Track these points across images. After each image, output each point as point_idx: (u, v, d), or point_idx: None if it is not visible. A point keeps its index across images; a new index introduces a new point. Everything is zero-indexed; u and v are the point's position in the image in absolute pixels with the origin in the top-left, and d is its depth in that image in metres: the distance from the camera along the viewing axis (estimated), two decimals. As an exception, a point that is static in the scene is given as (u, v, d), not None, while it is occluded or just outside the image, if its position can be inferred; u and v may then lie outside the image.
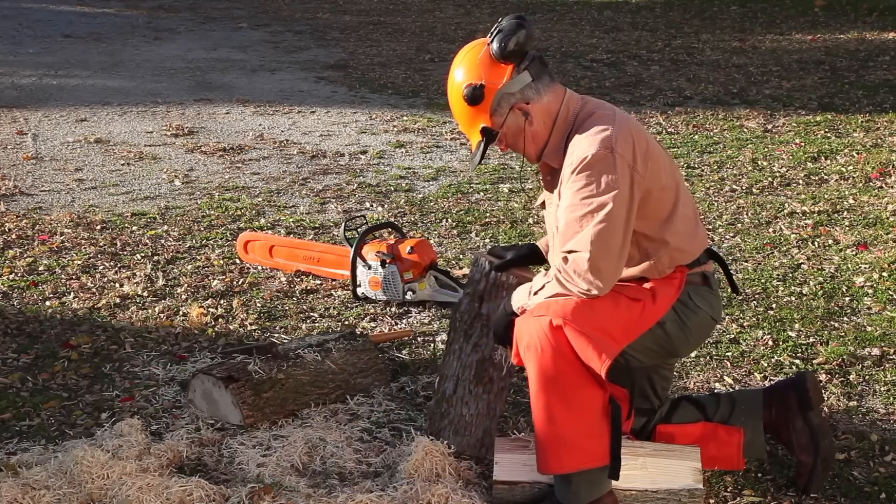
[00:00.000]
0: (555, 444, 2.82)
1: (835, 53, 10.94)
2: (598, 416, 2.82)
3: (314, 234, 5.47)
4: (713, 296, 2.99)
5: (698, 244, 2.96)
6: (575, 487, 2.85)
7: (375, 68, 10.29)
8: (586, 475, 2.83)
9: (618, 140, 2.76)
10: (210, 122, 7.95)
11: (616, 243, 2.74)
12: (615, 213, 2.72)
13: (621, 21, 13.46)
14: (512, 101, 2.87)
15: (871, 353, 4.00)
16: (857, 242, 5.25)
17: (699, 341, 3.08)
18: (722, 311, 3.11)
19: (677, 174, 2.95)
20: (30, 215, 5.70)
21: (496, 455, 3.07)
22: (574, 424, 2.80)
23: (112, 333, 4.19)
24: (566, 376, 2.76)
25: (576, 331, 2.73)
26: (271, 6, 15.03)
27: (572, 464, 2.82)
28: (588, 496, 2.85)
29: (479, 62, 2.88)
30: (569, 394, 2.78)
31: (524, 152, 2.95)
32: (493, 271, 3.14)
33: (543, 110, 2.88)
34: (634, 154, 2.77)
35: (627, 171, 2.75)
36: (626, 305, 2.83)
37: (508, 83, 2.85)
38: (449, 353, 3.25)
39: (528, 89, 2.86)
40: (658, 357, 2.99)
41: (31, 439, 3.35)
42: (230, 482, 3.06)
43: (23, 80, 9.37)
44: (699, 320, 2.94)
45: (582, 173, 2.75)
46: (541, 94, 2.87)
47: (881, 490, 3.10)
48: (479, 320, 3.14)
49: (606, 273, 2.73)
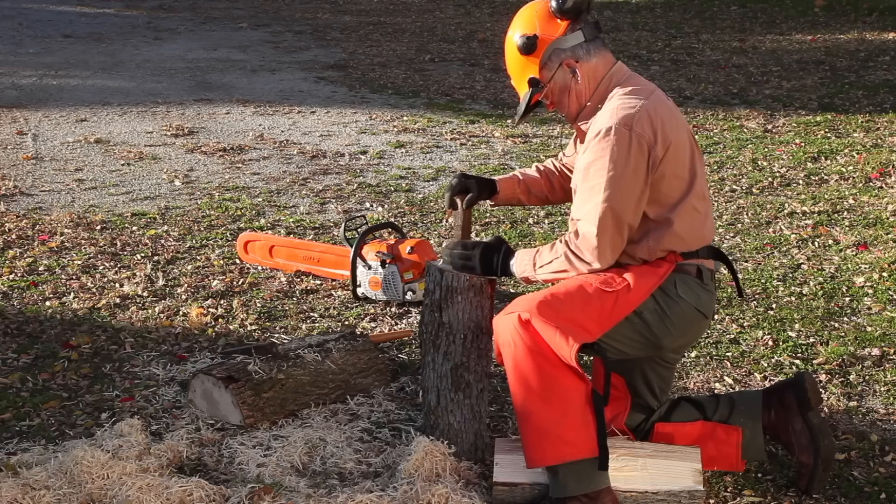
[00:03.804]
0: (537, 438, 2.83)
1: (835, 53, 10.94)
2: (578, 408, 2.81)
3: (314, 234, 5.47)
4: (703, 290, 2.99)
5: (699, 239, 2.98)
6: (563, 479, 2.84)
7: (375, 68, 10.29)
8: (573, 467, 2.82)
9: (640, 119, 2.82)
10: (210, 123, 7.95)
11: (624, 219, 2.83)
12: (626, 190, 2.81)
13: (621, 21, 13.46)
14: (563, 56, 2.95)
15: (871, 354, 4.00)
16: (857, 242, 5.25)
17: (686, 334, 3.04)
18: (713, 309, 3.08)
19: (698, 169, 2.98)
20: (30, 215, 5.70)
21: (496, 456, 3.07)
22: (554, 417, 2.80)
23: (112, 333, 4.19)
24: (540, 369, 2.80)
25: (544, 322, 2.78)
26: (271, 6, 15.03)
27: (555, 455, 2.82)
28: (578, 488, 2.84)
29: (536, 14, 2.98)
30: (546, 386, 2.80)
31: (566, 110, 3.04)
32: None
33: (591, 71, 2.96)
34: (655, 135, 2.83)
35: (645, 149, 2.82)
36: (599, 296, 2.86)
37: (562, 38, 2.94)
38: (424, 365, 3.26)
39: (580, 48, 2.95)
40: (643, 348, 2.99)
41: (31, 439, 3.35)
42: (230, 482, 3.06)
43: (23, 80, 9.37)
44: (681, 311, 2.94)
45: (599, 144, 2.82)
46: (590, 55, 2.96)
47: (881, 490, 3.10)
48: (442, 329, 3.15)
49: (612, 248, 2.84)
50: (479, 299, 3.12)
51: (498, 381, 3.74)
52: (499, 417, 3.51)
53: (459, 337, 3.13)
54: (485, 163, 6.82)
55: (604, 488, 2.87)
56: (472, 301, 3.11)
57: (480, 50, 11.30)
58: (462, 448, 3.19)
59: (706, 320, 3.05)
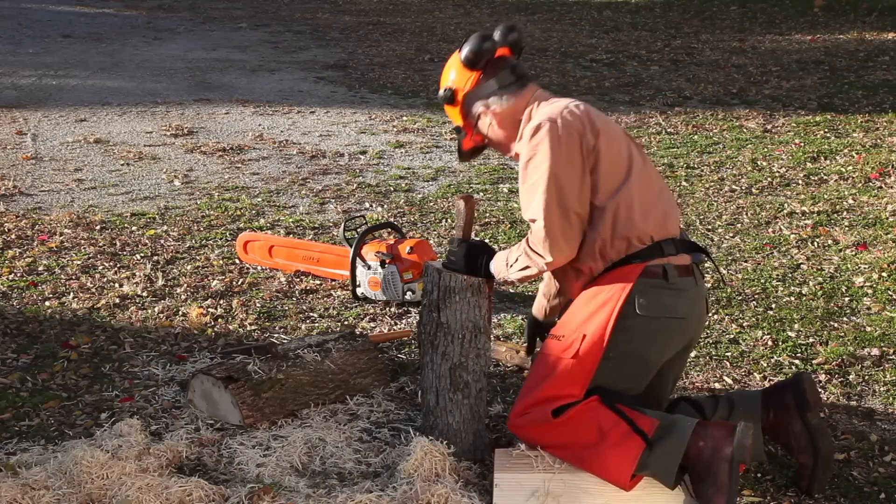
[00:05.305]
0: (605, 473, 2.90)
1: (834, 53, 10.94)
2: (602, 427, 2.89)
3: (314, 234, 5.47)
4: (669, 293, 2.98)
5: (658, 227, 3.00)
6: (652, 473, 2.87)
7: (375, 68, 10.29)
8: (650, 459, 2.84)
9: (565, 114, 2.97)
10: (210, 122, 7.95)
11: (570, 208, 2.92)
12: (566, 179, 2.91)
13: (621, 21, 13.46)
14: (479, 105, 3.14)
15: (871, 353, 4.00)
16: (856, 242, 5.25)
17: (669, 341, 3.04)
18: (689, 305, 3.04)
19: (636, 155, 3.07)
20: (29, 215, 5.70)
21: (496, 474, 3.01)
22: (596, 449, 2.89)
23: (112, 333, 4.19)
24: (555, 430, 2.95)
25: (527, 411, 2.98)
26: (271, 6, 15.03)
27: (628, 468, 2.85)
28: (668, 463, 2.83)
29: (452, 67, 3.19)
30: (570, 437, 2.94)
31: (499, 149, 3.23)
32: None
33: (508, 116, 3.13)
34: (583, 124, 2.95)
35: (576, 137, 2.93)
36: (561, 363, 2.97)
37: (475, 89, 3.14)
38: (423, 366, 3.26)
39: (493, 95, 3.12)
40: (642, 376, 3.03)
41: (30, 439, 3.35)
42: (230, 482, 3.06)
43: (22, 80, 9.37)
44: (648, 328, 2.96)
45: (531, 143, 2.96)
46: (503, 102, 3.12)
47: (881, 490, 3.10)
48: (440, 329, 3.16)
49: (565, 238, 2.93)
50: (477, 299, 3.13)
51: (497, 381, 3.74)
52: (499, 418, 3.51)
53: (458, 337, 3.13)
54: (485, 163, 6.82)
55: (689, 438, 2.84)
56: (470, 301, 3.12)
57: (480, 50, 11.28)
58: (461, 448, 3.19)
59: (683, 320, 3.03)
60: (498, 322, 4.30)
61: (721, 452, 2.78)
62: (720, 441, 2.79)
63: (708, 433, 2.82)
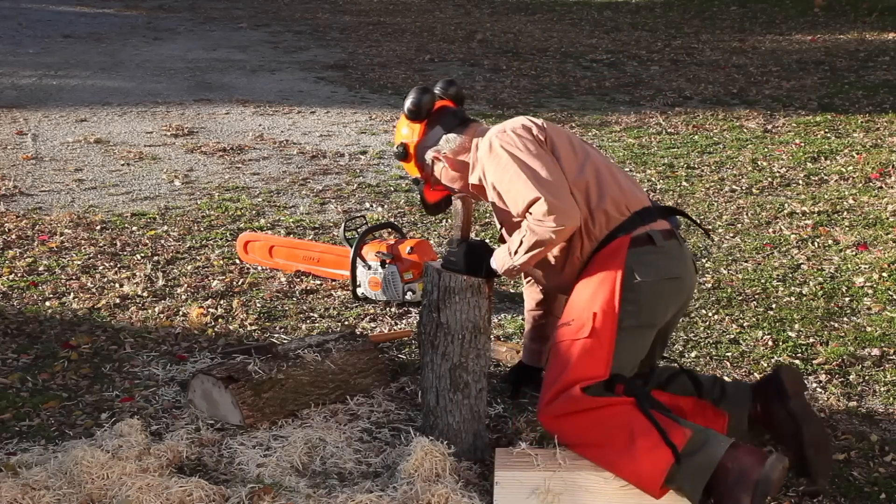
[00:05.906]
0: (637, 479, 2.88)
1: (835, 54, 10.94)
2: (634, 432, 2.89)
3: (314, 234, 5.47)
4: (661, 256, 3.05)
5: (627, 195, 3.11)
6: (678, 488, 2.86)
7: (375, 68, 10.29)
8: (679, 472, 2.83)
9: (508, 125, 3.17)
10: (210, 123, 7.95)
11: (552, 174, 3.00)
12: (531, 162, 3.03)
13: (621, 21, 13.47)
14: (430, 153, 3.32)
15: (871, 354, 4.00)
16: (856, 243, 5.25)
17: (673, 301, 3.12)
18: (683, 264, 3.12)
19: (589, 148, 3.22)
20: (30, 215, 5.70)
21: (497, 473, 3.00)
22: (626, 454, 2.88)
23: (112, 333, 4.19)
24: (585, 426, 2.95)
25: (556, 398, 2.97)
26: (271, 6, 15.04)
27: (660, 471, 2.84)
28: (695, 482, 2.82)
29: (401, 124, 3.41)
30: (600, 438, 2.93)
31: (458, 189, 3.34)
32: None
33: (458, 153, 3.29)
34: (528, 126, 3.14)
35: (528, 134, 3.11)
36: (578, 345, 2.98)
37: (423, 139, 3.34)
38: (423, 366, 3.27)
39: (442, 141, 3.30)
40: (648, 341, 3.11)
41: (31, 439, 3.35)
42: (230, 482, 3.06)
43: (23, 81, 9.37)
44: (651, 290, 3.02)
45: (490, 156, 3.10)
46: (451, 144, 3.29)
47: (881, 490, 3.10)
48: (440, 330, 3.16)
49: (563, 200, 2.96)
50: (477, 300, 3.13)
51: (497, 381, 3.74)
52: (499, 418, 3.51)
53: (457, 337, 3.14)
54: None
55: (721, 456, 2.83)
56: (470, 301, 3.12)
57: (480, 50, 11.30)
58: (461, 448, 3.19)
59: (679, 279, 3.10)
60: (498, 322, 4.30)
61: (747, 480, 2.79)
62: (748, 468, 2.80)
63: (737, 456, 2.83)
